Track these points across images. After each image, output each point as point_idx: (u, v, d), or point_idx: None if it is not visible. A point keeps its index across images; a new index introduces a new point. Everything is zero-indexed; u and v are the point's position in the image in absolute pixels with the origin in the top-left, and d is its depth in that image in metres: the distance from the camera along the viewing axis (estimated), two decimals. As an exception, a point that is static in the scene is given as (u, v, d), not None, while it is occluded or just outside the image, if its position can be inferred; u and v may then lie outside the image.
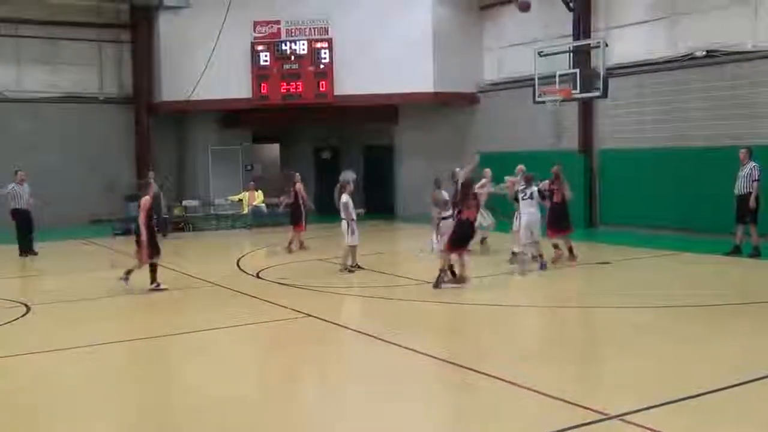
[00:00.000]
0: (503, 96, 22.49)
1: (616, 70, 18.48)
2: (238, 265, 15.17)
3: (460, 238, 11.54)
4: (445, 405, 6.67)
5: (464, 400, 6.65)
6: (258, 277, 13.56)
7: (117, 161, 23.99)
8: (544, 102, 18.94)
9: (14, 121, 22.78)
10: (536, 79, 18.71)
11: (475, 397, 6.65)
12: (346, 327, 9.62)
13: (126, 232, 21.01)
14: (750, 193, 13.94)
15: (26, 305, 10.93)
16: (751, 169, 14.05)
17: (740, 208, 14.15)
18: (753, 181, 13.97)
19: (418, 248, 15.68)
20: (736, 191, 14.21)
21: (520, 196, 13.54)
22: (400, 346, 8.24)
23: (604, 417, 5.84)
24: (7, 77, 23.22)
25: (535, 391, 6.50)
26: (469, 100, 23.58)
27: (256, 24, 22.87)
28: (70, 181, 22.80)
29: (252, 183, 23.82)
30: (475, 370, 7.20)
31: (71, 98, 24.02)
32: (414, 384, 7.25)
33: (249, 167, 25.66)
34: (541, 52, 18.74)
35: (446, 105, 23.49)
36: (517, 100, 21.27)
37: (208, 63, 22.35)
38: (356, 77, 22.04)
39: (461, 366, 7.40)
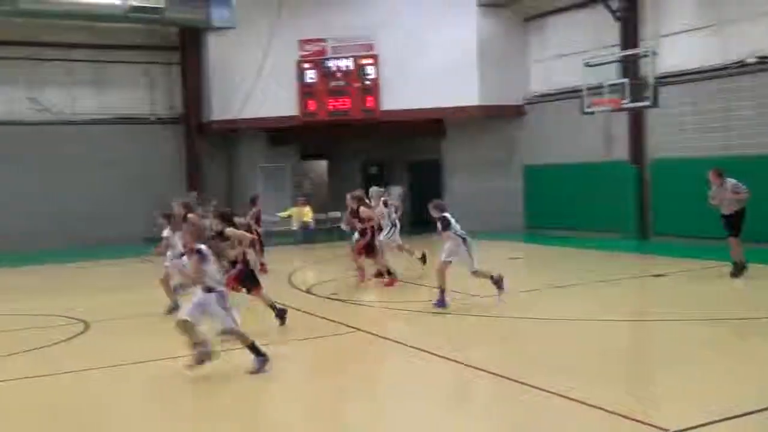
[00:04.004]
0: (550, 108, 22.36)
1: (666, 79, 18.23)
2: (288, 280, 15.26)
3: None
4: (505, 422, 6.56)
5: (522, 417, 6.55)
6: (308, 292, 13.63)
7: (168, 181, 24.39)
8: (592, 113, 18.81)
9: (67, 144, 23.39)
10: (584, 90, 18.59)
11: (534, 413, 6.56)
12: (397, 342, 9.58)
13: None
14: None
15: (85, 322, 11.16)
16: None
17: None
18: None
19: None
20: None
21: None
22: (455, 361, 8.20)
23: (666, 432, 5.74)
24: (60, 100, 23.85)
25: (594, 406, 6.40)
26: (515, 112, 23.48)
27: (302, 42, 23.16)
28: (122, 200, 23.31)
29: (301, 199, 24.05)
30: (532, 386, 7.11)
31: (122, 120, 24.60)
32: (470, 400, 7.20)
33: (297, 184, 25.91)
34: (589, 62, 18.62)
35: (493, 118, 23.42)
36: (564, 111, 21.14)
37: (255, 82, 22.75)
38: (402, 92, 22.17)
39: (517, 381, 7.30)
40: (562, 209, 21.85)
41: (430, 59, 22.30)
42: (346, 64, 22.92)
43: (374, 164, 27.53)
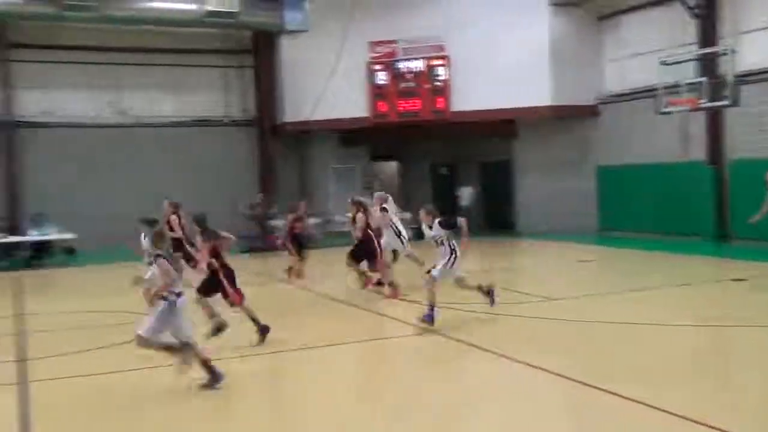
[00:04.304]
0: (625, 107, 21.96)
1: (746, 78, 17.69)
2: (362, 282, 15.34)
3: None
4: (583, 429, 6.53)
5: (600, 424, 6.49)
6: (380, 293, 13.71)
7: (242, 181, 24.89)
8: (669, 113, 18.40)
9: (145, 145, 24.11)
10: (661, 89, 18.20)
11: (612, 420, 6.48)
12: (470, 344, 9.54)
13: (251, 250, 21.88)
14: None
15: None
16: None
17: None
18: None
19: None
20: None
21: None
22: (531, 365, 8.13)
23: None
24: (139, 103, 24.61)
25: (670, 413, 6.30)
26: (588, 112, 23.14)
27: (373, 44, 23.32)
28: (197, 201, 23.71)
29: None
30: (610, 391, 7.02)
31: (198, 122, 25.22)
32: (548, 406, 7.14)
33: (368, 185, 26.07)
34: (665, 61, 18.22)
35: (565, 118, 23.14)
36: (639, 111, 20.75)
37: (326, 84, 23.01)
38: (473, 93, 22.08)
39: (595, 387, 7.20)
40: (637, 211, 21.43)
41: (502, 59, 22.17)
42: (417, 65, 22.98)
43: (444, 165, 27.51)
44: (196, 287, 9.51)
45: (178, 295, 7.48)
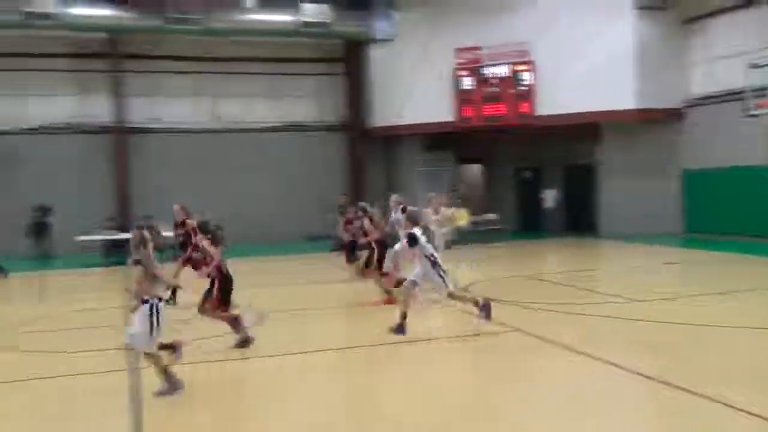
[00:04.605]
0: (712, 110, 21.15)
1: (841, 79, 16.80)
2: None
3: None
4: (664, 428, 6.31)
5: (688, 424, 6.25)
6: (465, 291, 13.60)
7: (332, 183, 25.17)
8: (756, 115, 17.64)
9: (243, 149, 24.69)
10: (748, 92, 17.47)
11: (705, 425, 6.25)
12: (557, 343, 9.34)
13: (339, 248, 22.08)
14: None
15: (260, 313, 11.71)
16: None
17: None
18: None
19: None
20: None
21: None
22: (619, 366, 7.90)
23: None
24: (236, 110, 25.23)
25: (763, 417, 6.03)
26: (674, 115, 22.40)
27: (458, 51, 23.20)
28: (290, 201, 24.31)
29: (459, 201, 24.13)
30: (702, 395, 6.76)
31: (292, 127, 25.67)
32: (640, 410, 6.95)
33: (453, 187, 25.97)
34: (756, 63, 17.47)
35: (650, 121, 22.45)
36: (726, 114, 19.97)
37: (413, 90, 23.06)
38: (558, 97, 21.69)
39: (688, 390, 6.90)
40: (723, 213, 20.63)
41: (586, 64, 21.70)
42: (502, 70, 22.74)
43: (528, 168, 27.14)
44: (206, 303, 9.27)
45: (161, 299, 7.27)
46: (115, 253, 20.64)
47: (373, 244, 12.60)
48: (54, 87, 23.39)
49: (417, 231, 9.84)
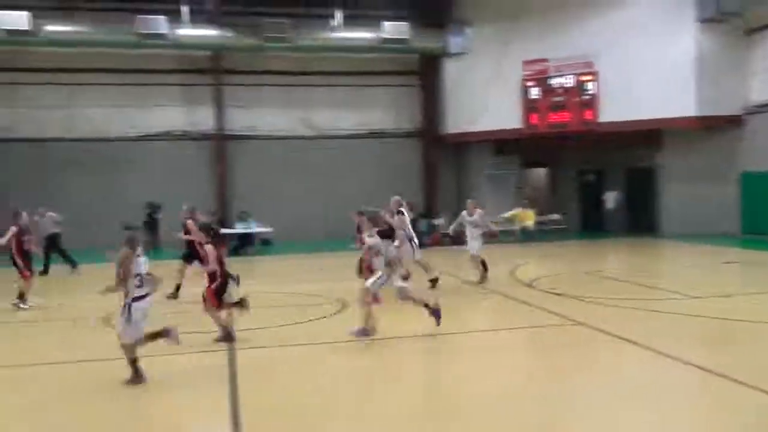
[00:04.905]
0: (770, 117, 20.25)
1: None
2: (511, 275, 15.18)
3: None
4: (725, 423, 6.06)
5: (753, 421, 5.99)
6: (531, 286, 13.48)
7: (409, 186, 25.21)
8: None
9: (329, 154, 25.01)
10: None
11: (761, 417, 6.01)
12: (623, 338, 9.05)
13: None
14: None
15: (343, 302, 11.87)
16: None
17: None
18: None
19: None
20: None
21: None
22: (686, 362, 7.62)
23: None
24: (323, 118, 25.56)
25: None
26: (734, 122, 21.50)
27: (526, 63, 22.90)
28: (370, 202, 24.31)
29: (525, 202, 23.90)
30: (753, 387, 6.51)
31: (372, 134, 25.84)
32: (689, 398, 6.74)
33: (519, 189, 25.68)
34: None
35: (710, 128, 21.62)
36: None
37: (484, 99, 22.90)
38: (620, 105, 21.15)
39: (745, 383, 6.66)
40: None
41: (649, 74, 21.08)
42: (567, 81, 22.32)
43: (591, 171, 26.55)
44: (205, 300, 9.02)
45: (140, 298, 7.15)
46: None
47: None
48: (165, 99, 24.21)
49: (374, 231, 9.41)
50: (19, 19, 20.05)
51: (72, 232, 18.44)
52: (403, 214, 12.73)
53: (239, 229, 22.08)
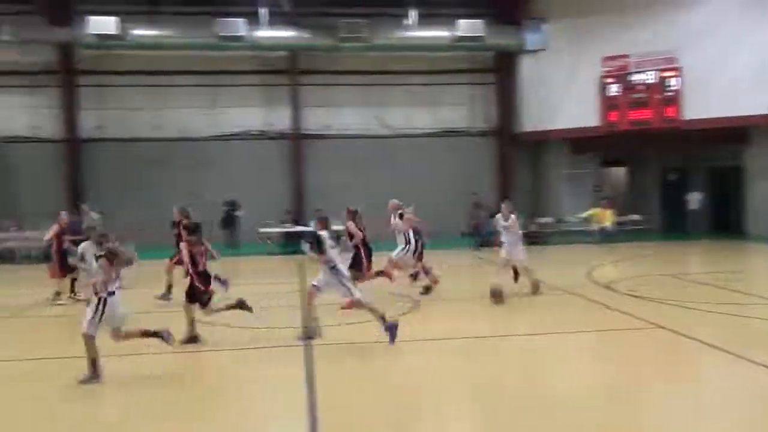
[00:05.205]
0: None
1: None
2: (588, 276, 14.79)
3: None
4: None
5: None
6: (608, 288, 13.10)
7: (483, 184, 25.01)
8: None
9: (402, 153, 25.01)
10: None
11: None
12: (697, 340, 8.70)
13: (483, 244, 21.92)
14: None
15: (416, 301, 11.83)
16: None
17: None
18: None
19: None
20: None
21: None
22: (756, 363, 7.32)
23: None
24: (398, 117, 25.59)
25: None
26: (828, 119, 20.33)
27: (605, 59, 22.30)
28: (444, 200, 24.22)
29: (603, 201, 23.24)
30: None
31: (447, 133, 25.69)
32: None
33: (597, 188, 25.02)
34: None
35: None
36: None
37: (561, 97, 22.43)
38: (705, 102, 20.37)
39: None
40: None
41: (734, 69, 20.19)
42: (649, 77, 21.61)
43: (673, 170, 25.61)
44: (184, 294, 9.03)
45: (112, 293, 7.29)
46: (291, 243, 21.61)
47: (359, 246, 11.81)
48: (243, 100, 24.78)
49: (324, 234, 8.88)
50: (108, 24, 20.90)
51: (156, 228, 19.05)
52: (402, 217, 12.64)
53: (313, 227, 22.31)
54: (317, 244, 8.73)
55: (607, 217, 22.59)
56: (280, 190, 24.29)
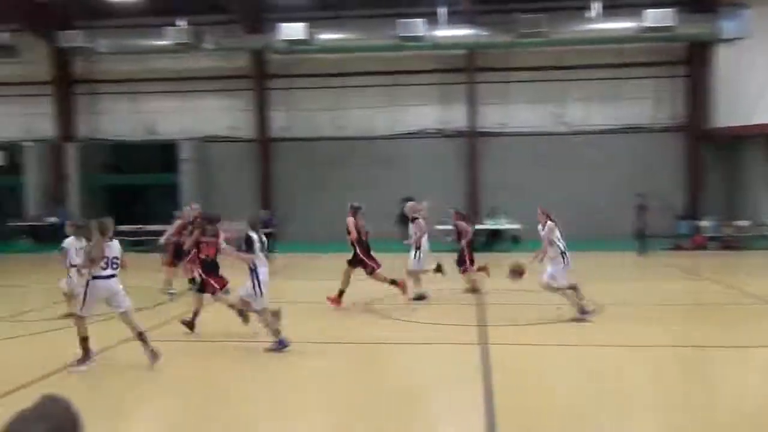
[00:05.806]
0: None
1: None
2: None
3: None
4: None
5: None
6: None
7: (667, 183, 23.47)
8: None
9: (580, 150, 24.08)
10: None
11: None
12: None
13: (677, 248, 20.49)
14: None
15: (598, 304, 11.28)
16: None
17: None
18: None
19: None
20: None
21: None
22: None
23: None
24: (576, 113, 24.65)
25: None
26: None
27: (818, 45, 19.98)
28: (622, 198, 22.86)
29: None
30: None
31: (628, 129, 24.36)
32: None
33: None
34: None
35: None
36: None
37: (763, 89, 20.38)
38: None
39: None
40: None
41: None
42: None
43: None
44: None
45: (101, 278, 7.45)
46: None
47: (354, 244, 11.38)
48: (421, 98, 25.13)
49: (254, 235, 8.43)
50: (297, 30, 22.07)
51: (330, 224, 19.72)
52: (418, 219, 12.25)
53: (488, 225, 22.17)
54: (247, 245, 8.45)
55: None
56: (455, 188, 24.33)
